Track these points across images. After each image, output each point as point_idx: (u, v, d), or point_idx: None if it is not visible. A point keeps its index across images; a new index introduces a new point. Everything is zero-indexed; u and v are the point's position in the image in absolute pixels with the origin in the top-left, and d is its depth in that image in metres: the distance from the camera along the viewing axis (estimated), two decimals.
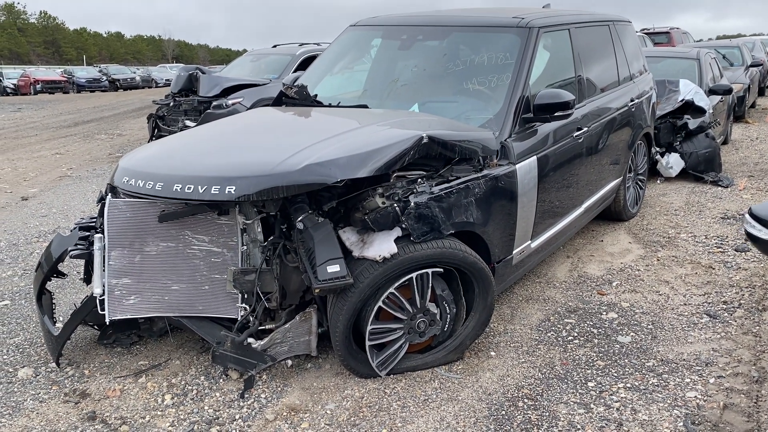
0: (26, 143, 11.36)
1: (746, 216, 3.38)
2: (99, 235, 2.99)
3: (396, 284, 2.88)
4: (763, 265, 4.42)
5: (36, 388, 3.00)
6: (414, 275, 2.90)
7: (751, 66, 12.57)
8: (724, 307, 3.81)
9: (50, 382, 3.05)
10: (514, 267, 3.62)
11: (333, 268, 2.69)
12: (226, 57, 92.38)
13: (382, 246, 2.80)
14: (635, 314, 3.74)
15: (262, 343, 2.90)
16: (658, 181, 6.97)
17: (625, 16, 5.62)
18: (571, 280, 4.28)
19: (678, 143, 7.06)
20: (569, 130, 4.01)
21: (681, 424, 2.67)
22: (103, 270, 2.94)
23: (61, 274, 3.43)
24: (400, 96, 4.05)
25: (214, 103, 8.54)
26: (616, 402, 2.83)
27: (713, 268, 4.42)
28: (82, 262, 3.63)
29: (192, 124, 8.39)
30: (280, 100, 4.13)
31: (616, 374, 3.07)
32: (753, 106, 13.41)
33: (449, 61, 4.02)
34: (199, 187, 2.74)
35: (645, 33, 16.54)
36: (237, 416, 2.76)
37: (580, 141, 4.14)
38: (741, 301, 3.87)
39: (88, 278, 3.37)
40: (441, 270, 2.99)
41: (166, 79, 36.22)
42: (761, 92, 15.21)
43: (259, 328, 2.97)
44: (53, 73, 35.06)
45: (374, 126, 3.27)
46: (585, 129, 4.21)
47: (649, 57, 7.51)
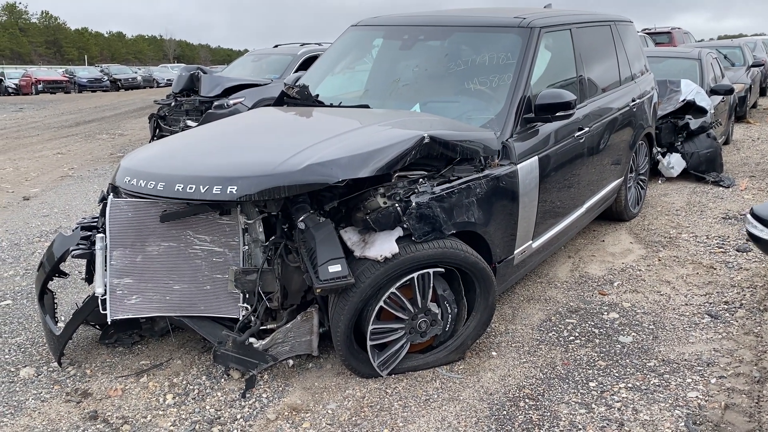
0: (28, 143, 11.37)
1: (748, 216, 3.38)
2: (101, 234, 3.00)
3: (397, 284, 2.88)
4: (764, 265, 4.41)
5: (38, 388, 3.00)
6: (415, 275, 2.91)
7: (753, 66, 12.57)
8: (726, 307, 3.81)
9: (52, 382, 3.05)
10: (516, 267, 3.62)
11: (334, 268, 2.70)
12: (227, 57, 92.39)
13: (384, 246, 2.80)
14: (636, 314, 3.74)
15: (263, 342, 2.91)
16: (660, 182, 6.97)
17: (626, 16, 5.62)
18: (572, 280, 4.28)
19: (679, 143, 7.06)
20: (570, 130, 4.01)
21: (682, 424, 2.66)
22: (105, 270, 2.95)
23: (62, 274, 3.43)
24: (401, 96, 4.05)
25: (216, 103, 8.55)
26: (618, 402, 2.83)
27: (714, 269, 4.41)
28: (83, 261, 3.62)
29: (193, 124, 8.40)
30: (281, 100, 4.13)
31: (617, 374, 3.07)
32: (754, 106, 13.40)
33: (451, 61, 4.02)
34: (200, 187, 2.75)
35: (646, 33, 16.53)
36: (238, 416, 2.76)
37: (581, 141, 4.14)
38: (742, 302, 3.87)
39: (89, 278, 3.38)
40: (442, 270, 2.99)
41: (168, 79, 36.24)
42: (763, 92, 15.20)
43: (261, 327, 2.98)
44: (55, 73, 35.09)
45: (376, 126, 3.27)
46: (586, 129, 4.21)
47: (651, 57, 7.50)
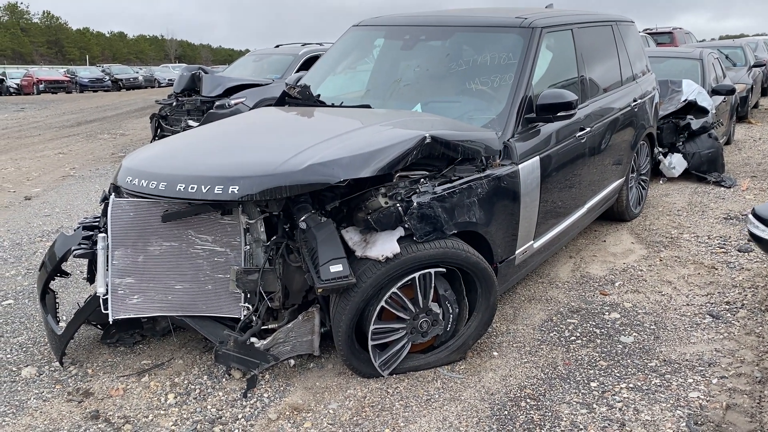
0: (29, 143, 11.38)
1: (750, 216, 3.38)
2: (102, 234, 3.00)
3: (399, 284, 2.88)
4: (766, 265, 4.41)
5: (39, 387, 3.01)
6: (417, 275, 2.90)
7: (754, 66, 12.56)
8: (727, 307, 3.81)
9: (53, 381, 3.06)
10: (517, 267, 3.62)
11: (336, 268, 2.70)
12: (228, 57, 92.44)
13: (385, 246, 2.80)
14: (638, 314, 3.74)
15: (264, 342, 2.91)
16: (661, 182, 6.96)
17: (627, 16, 5.62)
18: (573, 281, 4.28)
19: (681, 143, 7.05)
20: (572, 131, 4.01)
21: (684, 424, 2.66)
22: (107, 269, 2.95)
23: (64, 274, 3.43)
24: (402, 96, 4.05)
25: (217, 103, 8.55)
26: (619, 402, 2.83)
27: (716, 269, 4.41)
28: (85, 261, 3.62)
29: (195, 124, 8.40)
30: (283, 100, 4.13)
31: (618, 374, 3.07)
32: (756, 106, 13.39)
33: (452, 61, 4.02)
34: (202, 186, 2.75)
35: (648, 33, 16.52)
36: (240, 415, 2.76)
37: (582, 141, 4.14)
38: (744, 302, 3.86)
39: (91, 278, 3.38)
40: (444, 270, 2.99)
41: (169, 79, 36.25)
42: (764, 92, 15.19)
43: (262, 327, 2.98)
44: (56, 72, 35.10)
45: (377, 126, 3.27)
46: (588, 129, 4.21)
47: (652, 57, 7.50)
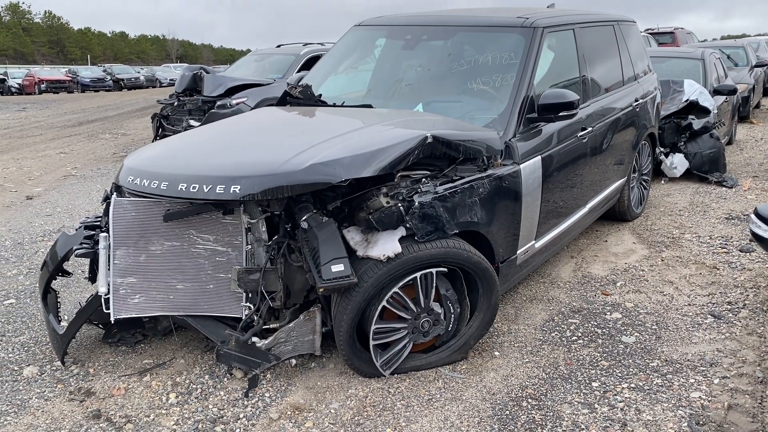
0: (31, 142, 11.39)
1: (752, 216, 3.38)
2: (104, 234, 3.00)
3: (400, 284, 2.88)
4: (767, 265, 4.41)
5: (41, 387, 3.01)
6: (418, 275, 2.90)
7: (756, 66, 12.55)
8: (729, 307, 3.80)
9: (55, 381, 3.06)
10: (518, 267, 3.62)
11: (337, 268, 2.70)
12: (230, 57, 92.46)
13: (387, 245, 2.80)
14: (639, 314, 3.74)
15: (266, 342, 2.91)
16: (663, 182, 6.96)
17: (629, 16, 5.61)
18: (575, 281, 4.28)
19: (682, 143, 7.05)
20: (573, 130, 4.01)
21: (685, 424, 2.66)
22: (108, 269, 2.95)
23: (66, 273, 3.43)
24: (404, 96, 4.05)
25: (219, 103, 8.56)
26: (620, 402, 2.83)
27: (718, 269, 4.41)
28: (87, 261, 3.64)
29: (196, 124, 8.41)
30: (284, 100, 4.14)
31: (620, 374, 3.06)
32: (758, 106, 13.38)
33: (453, 61, 4.02)
34: (204, 186, 2.75)
35: (649, 33, 16.51)
36: (241, 415, 2.76)
37: (584, 141, 4.13)
38: (745, 302, 3.86)
39: (93, 277, 3.38)
40: (445, 270, 2.99)
41: (170, 79, 36.25)
42: (766, 92, 15.13)
43: (264, 327, 2.98)
44: (58, 72, 35.12)
45: (378, 126, 3.27)
46: (589, 129, 4.21)
47: (654, 57, 7.48)
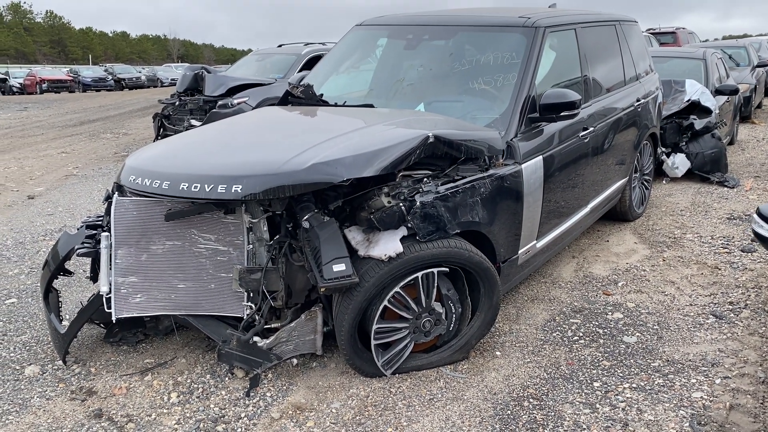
0: (32, 142, 11.40)
1: (754, 216, 3.37)
2: (106, 233, 3.00)
3: (401, 283, 2.88)
4: None
5: (43, 386, 3.01)
6: (419, 274, 2.90)
7: (758, 66, 12.53)
8: (730, 307, 3.80)
9: (57, 380, 3.06)
10: (520, 267, 3.62)
11: (339, 267, 2.70)
12: (231, 56, 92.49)
13: (388, 245, 2.80)
14: (641, 314, 3.73)
15: (267, 341, 2.91)
16: (664, 182, 6.95)
17: (631, 16, 5.61)
18: (576, 280, 4.28)
19: (684, 143, 7.04)
20: (575, 130, 4.01)
21: (687, 424, 2.66)
22: (110, 268, 2.95)
23: (67, 273, 3.44)
24: (405, 95, 4.05)
25: (220, 103, 8.56)
26: (622, 402, 2.82)
27: (719, 269, 4.40)
28: (88, 260, 3.64)
29: (197, 124, 8.41)
30: (285, 100, 4.13)
31: (621, 374, 3.06)
32: (759, 106, 13.36)
33: (455, 61, 4.02)
34: (205, 185, 2.75)
35: (651, 33, 16.49)
36: (242, 414, 2.77)
37: (585, 141, 4.13)
38: (747, 302, 3.86)
39: (94, 276, 3.39)
40: (446, 269, 2.99)
41: (172, 79, 36.24)
42: (767, 92, 15.13)
43: (265, 326, 2.98)
44: (59, 72, 35.15)
45: (380, 125, 3.27)
46: (591, 129, 4.21)
47: (655, 57, 7.49)
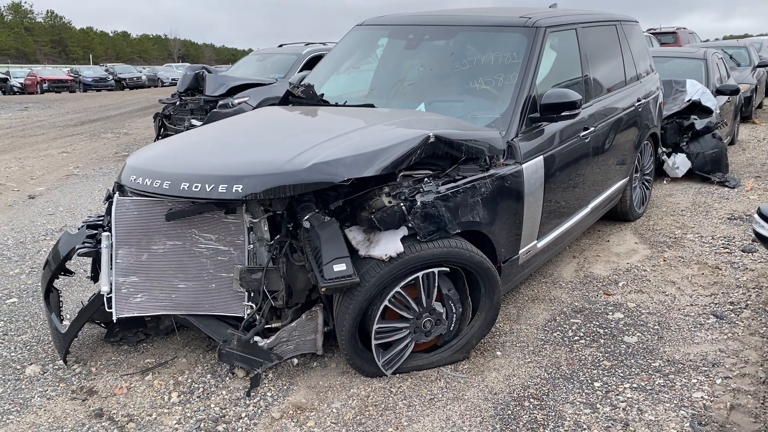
0: (33, 142, 11.41)
1: (755, 216, 3.37)
2: (106, 233, 3.00)
3: (402, 283, 2.88)
4: None
5: (43, 385, 3.01)
6: (420, 274, 2.90)
7: (759, 66, 12.52)
8: (731, 307, 3.80)
9: (57, 380, 3.06)
10: (521, 267, 3.62)
11: (339, 267, 2.70)
12: (231, 56, 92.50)
13: (389, 245, 2.80)
14: (641, 314, 3.73)
15: (268, 341, 2.91)
16: (665, 182, 6.95)
17: (631, 16, 5.61)
18: (577, 280, 4.28)
19: (685, 144, 7.04)
20: (576, 130, 4.00)
21: (688, 424, 2.66)
22: (111, 268, 2.95)
23: (68, 272, 3.44)
24: (406, 95, 4.05)
25: (220, 103, 8.56)
26: (623, 402, 2.82)
27: (720, 269, 4.40)
28: (89, 260, 3.64)
29: (198, 123, 8.41)
30: (286, 100, 4.14)
31: (622, 374, 3.06)
32: (760, 106, 13.35)
33: (456, 61, 4.02)
34: (206, 185, 2.75)
35: (652, 33, 16.49)
36: (243, 414, 2.77)
37: (586, 141, 4.13)
38: (748, 302, 3.86)
39: (95, 276, 3.39)
40: (447, 269, 2.99)
41: (172, 79, 36.27)
42: None
43: (266, 326, 2.98)
44: (60, 72, 35.16)
45: (381, 125, 3.27)
46: (592, 129, 4.20)
47: (656, 57, 7.49)
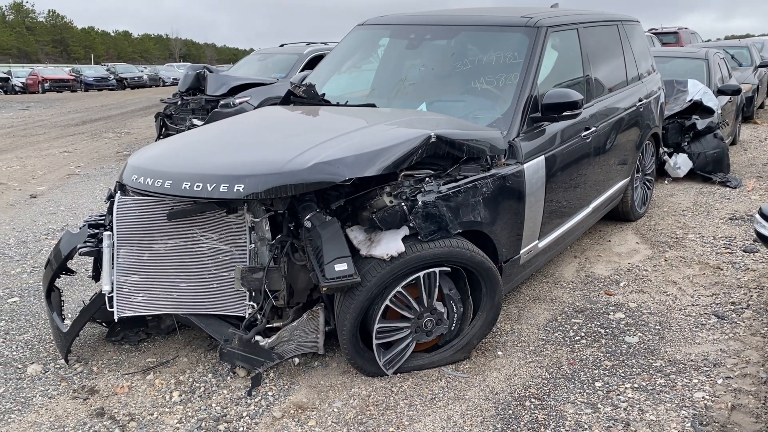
0: (35, 141, 11.42)
1: (756, 216, 3.36)
2: (108, 232, 3.01)
3: (403, 283, 2.88)
4: None
5: (45, 385, 3.02)
6: (421, 274, 2.90)
7: (760, 66, 12.49)
8: (732, 308, 3.80)
9: (59, 379, 3.07)
10: (522, 266, 3.62)
11: (340, 267, 2.70)
12: (233, 56, 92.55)
13: (390, 245, 2.80)
14: (643, 314, 3.73)
15: (269, 341, 2.91)
16: (666, 182, 6.95)
17: (633, 16, 5.60)
18: (578, 280, 4.27)
19: (686, 144, 7.03)
20: (577, 130, 4.00)
21: (689, 424, 2.66)
22: (112, 267, 2.96)
23: (70, 272, 3.44)
24: (407, 95, 4.05)
25: (222, 102, 8.57)
26: (624, 402, 2.82)
27: (721, 269, 4.40)
28: (91, 259, 3.65)
29: (199, 123, 8.42)
30: (288, 99, 4.14)
31: (623, 374, 3.06)
32: (762, 106, 13.34)
33: (457, 61, 4.02)
34: (207, 185, 2.76)
35: (653, 33, 16.46)
36: (244, 413, 2.77)
37: (588, 141, 4.13)
38: (749, 302, 3.85)
39: (96, 275, 3.40)
40: (448, 269, 2.99)
41: (174, 78, 36.31)
42: None
43: (267, 326, 2.98)
44: (61, 71, 35.19)
45: (382, 125, 3.27)
46: (593, 129, 4.20)
47: (658, 57, 7.47)
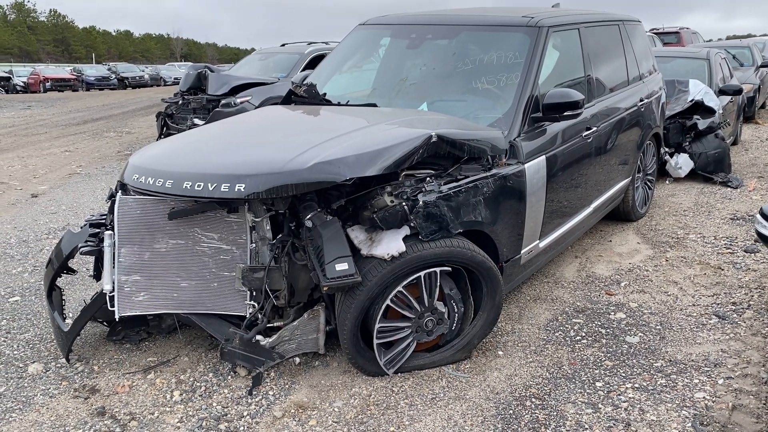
0: (36, 141, 11.43)
1: (757, 216, 3.36)
2: (109, 232, 3.01)
3: (404, 283, 2.88)
4: None
5: (46, 384, 3.02)
6: (422, 274, 2.91)
7: (762, 66, 12.47)
8: (733, 308, 3.79)
9: (60, 378, 3.07)
10: (522, 266, 3.62)
11: (341, 266, 2.70)
12: (234, 56, 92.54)
13: (391, 244, 2.80)
14: (643, 314, 3.73)
15: (270, 340, 2.91)
16: (667, 182, 6.94)
17: (634, 16, 5.60)
18: (579, 280, 4.27)
19: (687, 144, 7.03)
20: (578, 130, 4.00)
21: (689, 424, 2.66)
22: (113, 267, 2.96)
23: (71, 271, 3.45)
24: (408, 95, 4.05)
25: (223, 102, 8.58)
26: (624, 402, 2.82)
27: (722, 269, 4.40)
28: (92, 258, 3.65)
29: (201, 123, 8.43)
30: (289, 99, 4.14)
31: (624, 374, 3.06)
32: (763, 106, 13.32)
33: (458, 60, 4.02)
34: (208, 184, 2.76)
35: (654, 33, 16.45)
36: (245, 413, 2.77)
37: (589, 141, 4.13)
38: (750, 303, 3.85)
39: (97, 275, 3.40)
40: (449, 269, 2.99)
41: (175, 78, 36.34)
42: None
43: (268, 325, 2.98)
44: (62, 71, 35.19)
45: (383, 125, 3.27)
46: (594, 129, 4.20)
47: (659, 57, 7.47)
